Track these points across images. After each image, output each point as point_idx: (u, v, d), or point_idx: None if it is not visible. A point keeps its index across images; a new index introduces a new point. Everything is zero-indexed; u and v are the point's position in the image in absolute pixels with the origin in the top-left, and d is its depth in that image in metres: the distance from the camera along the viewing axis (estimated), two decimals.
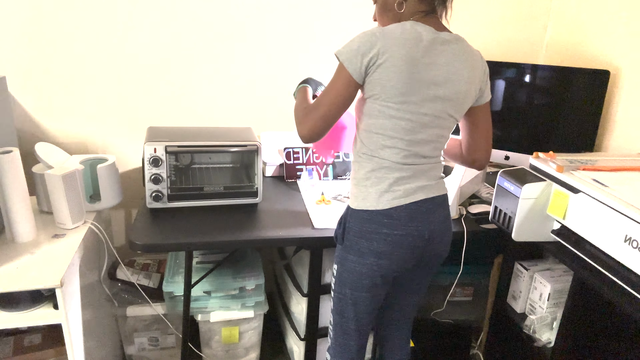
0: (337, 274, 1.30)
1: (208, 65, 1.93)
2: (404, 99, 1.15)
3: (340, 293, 1.31)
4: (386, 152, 1.20)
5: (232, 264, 1.83)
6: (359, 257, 1.23)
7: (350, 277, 1.26)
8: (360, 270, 1.24)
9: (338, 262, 1.30)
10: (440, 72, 1.17)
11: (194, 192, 1.62)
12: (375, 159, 1.21)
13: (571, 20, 2.09)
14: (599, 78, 1.83)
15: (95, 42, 1.79)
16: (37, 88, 1.80)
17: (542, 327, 1.59)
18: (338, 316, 1.35)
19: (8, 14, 1.69)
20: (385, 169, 1.20)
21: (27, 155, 1.60)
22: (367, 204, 1.21)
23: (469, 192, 1.80)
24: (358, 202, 1.22)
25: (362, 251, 1.22)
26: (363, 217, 1.22)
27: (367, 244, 1.22)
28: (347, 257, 1.26)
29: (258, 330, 1.86)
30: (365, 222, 1.21)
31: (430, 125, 1.20)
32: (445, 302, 1.87)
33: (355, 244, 1.23)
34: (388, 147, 1.19)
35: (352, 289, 1.28)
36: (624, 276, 1.20)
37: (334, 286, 1.33)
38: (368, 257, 1.22)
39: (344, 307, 1.32)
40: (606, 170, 1.41)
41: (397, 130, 1.18)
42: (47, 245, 1.42)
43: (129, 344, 1.84)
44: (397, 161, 1.20)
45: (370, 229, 1.21)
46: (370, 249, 1.22)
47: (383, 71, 1.13)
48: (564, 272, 1.64)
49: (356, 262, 1.24)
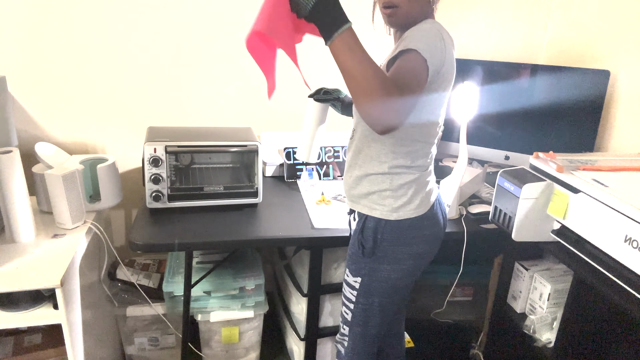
0: (363, 286, 1.25)
1: (208, 65, 1.93)
2: (442, 103, 1.15)
3: (365, 304, 1.26)
4: (424, 160, 1.19)
5: (232, 264, 1.83)
6: (394, 264, 1.20)
7: (382, 285, 1.23)
8: (395, 277, 1.22)
9: (364, 275, 1.23)
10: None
11: (194, 192, 1.62)
12: (413, 169, 1.18)
13: (571, 20, 2.09)
14: (599, 78, 1.83)
15: (96, 42, 1.79)
16: (37, 88, 1.80)
17: (542, 327, 1.59)
18: (360, 327, 1.30)
19: (8, 14, 1.69)
20: (424, 174, 1.21)
21: (27, 155, 1.60)
22: (410, 213, 1.18)
23: (469, 192, 1.80)
24: (398, 213, 1.17)
25: (398, 257, 1.20)
26: (404, 226, 1.18)
27: (406, 249, 1.20)
28: (378, 267, 1.21)
29: (258, 330, 1.86)
30: (406, 230, 1.19)
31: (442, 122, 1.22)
32: (445, 302, 1.87)
33: (391, 252, 1.20)
34: (425, 154, 1.19)
35: (382, 297, 1.25)
36: (624, 276, 1.20)
37: (357, 298, 1.26)
38: (405, 262, 1.21)
39: (369, 317, 1.28)
40: (606, 170, 1.41)
41: (432, 134, 1.18)
42: (47, 245, 1.42)
43: (129, 344, 1.84)
44: (428, 164, 1.22)
45: (411, 235, 1.19)
46: (409, 253, 1.20)
47: (440, 80, 1.08)
48: (564, 272, 1.64)
49: (391, 270, 1.21)
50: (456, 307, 1.98)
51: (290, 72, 2.02)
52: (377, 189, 1.18)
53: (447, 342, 2.01)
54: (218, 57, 1.93)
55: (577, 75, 1.88)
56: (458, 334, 2.01)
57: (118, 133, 1.93)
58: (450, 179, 1.63)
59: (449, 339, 2.01)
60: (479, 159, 2.11)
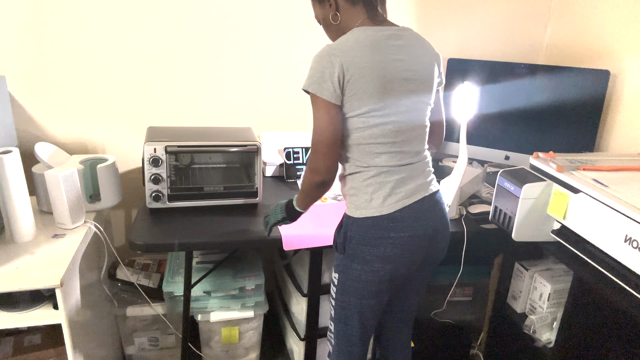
0: (339, 283, 1.28)
1: (208, 66, 1.93)
2: (383, 104, 1.16)
3: (343, 302, 1.29)
4: (381, 158, 1.20)
5: (232, 264, 1.83)
6: (363, 264, 1.22)
7: (355, 285, 1.25)
8: (366, 278, 1.23)
9: (340, 271, 1.27)
10: (406, 66, 1.18)
11: (194, 192, 1.62)
12: (372, 168, 1.20)
13: (571, 20, 2.09)
14: (599, 78, 1.83)
15: (96, 42, 1.79)
16: (37, 88, 1.80)
17: (542, 327, 1.59)
18: (341, 324, 1.32)
19: (8, 14, 1.69)
20: (384, 174, 1.20)
21: (27, 155, 1.60)
22: (371, 211, 1.19)
23: (469, 192, 1.80)
24: (361, 211, 1.21)
25: (367, 258, 1.21)
26: (367, 225, 1.20)
27: (373, 250, 1.20)
28: (350, 265, 1.24)
29: (258, 330, 1.86)
30: (370, 229, 1.20)
31: (414, 119, 1.22)
32: (445, 302, 1.87)
33: (359, 252, 1.21)
34: (382, 153, 1.19)
35: (357, 297, 1.26)
36: (624, 276, 1.20)
37: (335, 294, 1.30)
38: (374, 264, 1.21)
39: (348, 316, 1.30)
40: (606, 170, 1.41)
41: (386, 135, 1.18)
42: (47, 245, 1.42)
43: (129, 344, 1.84)
44: (394, 164, 1.21)
45: (376, 235, 1.20)
46: (376, 255, 1.20)
47: (354, 85, 1.13)
48: (564, 272, 1.64)
49: (361, 270, 1.22)
50: (456, 307, 1.98)
51: (290, 72, 2.03)
52: (346, 188, 1.26)
53: (447, 342, 2.01)
54: (218, 57, 1.93)
55: (577, 75, 1.88)
56: (458, 334, 2.01)
57: (118, 133, 1.93)
58: (450, 179, 1.63)
59: (449, 339, 2.01)
60: (479, 159, 2.11)
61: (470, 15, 2.15)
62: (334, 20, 1.22)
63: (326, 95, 1.13)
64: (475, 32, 2.18)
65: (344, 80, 1.13)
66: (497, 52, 2.22)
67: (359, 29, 1.18)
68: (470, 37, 2.19)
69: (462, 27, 2.17)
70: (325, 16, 1.24)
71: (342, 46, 1.14)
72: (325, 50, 1.14)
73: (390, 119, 1.18)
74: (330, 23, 1.24)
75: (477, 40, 2.20)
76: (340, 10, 1.21)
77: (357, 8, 1.20)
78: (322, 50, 1.15)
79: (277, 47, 1.98)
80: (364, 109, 1.15)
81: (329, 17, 1.23)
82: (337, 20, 1.22)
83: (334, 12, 1.21)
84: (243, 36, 1.93)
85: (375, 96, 1.15)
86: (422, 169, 1.26)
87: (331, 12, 1.22)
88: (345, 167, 1.25)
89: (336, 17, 1.22)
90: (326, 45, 1.16)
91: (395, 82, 1.17)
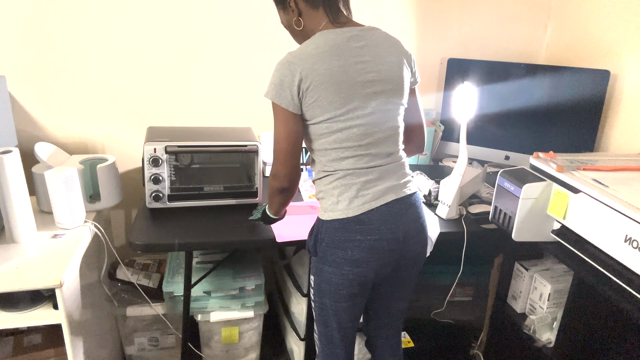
0: (315, 285, 1.29)
1: (208, 66, 1.93)
2: (345, 109, 1.15)
3: (320, 303, 1.30)
4: (347, 162, 1.19)
5: (232, 264, 1.83)
6: (334, 267, 1.21)
7: (328, 287, 1.25)
8: (337, 281, 1.22)
9: (315, 273, 1.28)
10: (369, 67, 1.17)
11: (194, 192, 1.62)
12: (338, 171, 1.20)
13: (571, 20, 2.09)
14: (599, 78, 1.83)
15: (96, 42, 1.79)
16: (37, 88, 1.80)
17: (542, 327, 1.59)
18: (322, 326, 1.34)
19: (8, 14, 1.69)
20: (350, 176, 1.19)
21: (27, 155, 1.60)
22: (338, 214, 1.19)
23: (469, 192, 1.80)
24: (328, 213, 1.21)
25: (337, 261, 1.21)
26: (335, 227, 1.20)
27: (341, 253, 1.20)
28: (322, 268, 1.24)
29: (258, 330, 1.86)
30: (337, 232, 1.20)
31: (382, 121, 1.20)
32: (445, 302, 1.87)
33: (329, 254, 1.21)
34: (348, 157, 1.19)
35: (331, 300, 1.26)
36: (624, 276, 1.20)
37: (314, 297, 1.31)
38: (344, 267, 1.20)
39: (326, 318, 1.31)
40: (606, 170, 1.41)
41: (352, 139, 1.17)
42: (47, 245, 1.42)
43: (129, 344, 1.84)
44: (361, 167, 1.20)
45: (343, 238, 1.19)
46: (345, 258, 1.20)
47: (314, 93, 1.13)
48: (564, 272, 1.64)
49: (332, 272, 1.22)
50: (456, 307, 1.98)
51: None
52: (316, 191, 1.27)
53: (447, 342, 2.01)
54: (218, 57, 1.93)
55: (577, 75, 1.88)
56: (458, 334, 2.01)
57: (118, 133, 1.93)
58: (450, 179, 1.63)
59: (449, 339, 2.01)
60: (479, 159, 2.11)
61: (470, 15, 2.15)
62: (297, 26, 1.22)
63: (284, 104, 1.14)
64: (475, 32, 2.18)
65: (303, 88, 1.12)
66: (497, 52, 2.22)
67: (320, 33, 1.17)
68: (470, 37, 2.19)
69: (462, 27, 2.16)
70: (289, 22, 1.24)
71: (301, 54, 1.14)
72: (285, 58, 1.15)
73: (355, 122, 1.17)
74: (294, 29, 1.24)
75: (477, 40, 2.20)
76: (302, 16, 1.20)
77: (319, 12, 1.19)
78: (283, 58, 1.15)
79: (277, 46, 1.98)
80: (326, 115, 1.15)
81: (292, 23, 1.23)
82: (300, 26, 1.21)
83: (297, 17, 1.21)
84: (243, 36, 1.93)
85: (336, 102, 1.14)
86: (394, 170, 1.24)
87: (294, 17, 1.21)
88: (314, 171, 1.27)
89: (299, 22, 1.21)
90: (288, 52, 1.16)
91: (358, 85, 1.15)
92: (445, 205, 1.64)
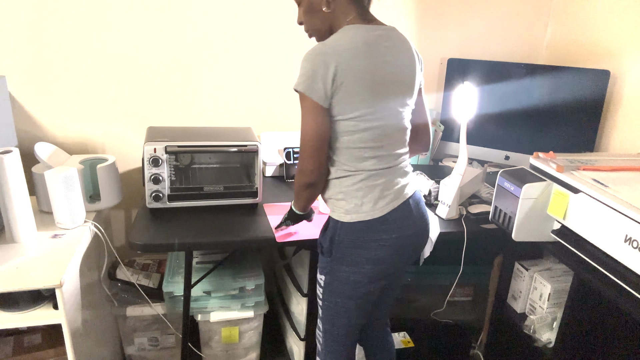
0: (326, 284, 1.28)
1: (208, 66, 1.93)
2: (374, 108, 1.15)
3: (330, 302, 1.29)
4: (370, 162, 1.19)
5: (232, 264, 1.83)
6: (353, 266, 1.21)
7: (343, 286, 1.25)
8: (355, 279, 1.22)
9: (326, 273, 1.27)
10: (394, 69, 1.17)
11: (194, 192, 1.62)
12: (361, 172, 1.19)
13: (571, 20, 2.09)
14: (599, 78, 1.83)
15: (95, 42, 1.79)
16: (37, 88, 1.80)
17: (542, 327, 1.59)
18: (328, 325, 1.33)
19: (8, 14, 1.69)
20: (373, 177, 1.19)
21: (27, 155, 1.60)
22: (362, 215, 1.18)
23: (469, 192, 1.80)
24: (351, 215, 1.19)
25: (357, 260, 1.21)
26: (358, 229, 1.19)
27: (364, 252, 1.20)
28: (338, 268, 1.23)
29: (258, 330, 1.86)
30: (360, 233, 1.19)
31: (397, 122, 1.21)
32: (445, 302, 1.88)
33: (348, 254, 1.21)
34: (369, 157, 1.19)
35: (344, 298, 1.26)
36: (624, 276, 1.20)
37: (322, 295, 1.31)
38: (364, 265, 1.21)
39: (334, 316, 1.30)
40: (606, 170, 1.41)
41: (375, 139, 1.17)
42: (47, 245, 1.42)
43: (129, 344, 1.84)
44: (382, 167, 1.20)
45: (367, 238, 1.19)
46: (367, 257, 1.20)
47: (348, 88, 1.10)
48: (564, 272, 1.64)
49: (350, 271, 1.22)
50: (456, 307, 1.98)
51: (290, 72, 2.03)
52: (332, 192, 1.23)
53: (447, 342, 2.01)
54: (218, 57, 1.93)
55: (577, 75, 1.88)
56: (458, 334, 2.01)
57: (118, 133, 1.93)
58: (450, 179, 1.63)
59: (449, 339, 2.01)
60: (479, 159, 2.11)
61: (470, 15, 2.15)
62: (327, 8, 1.16)
63: (316, 97, 1.10)
64: (475, 32, 2.18)
65: (337, 82, 1.10)
66: (497, 52, 2.22)
67: (352, 27, 1.14)
68: (470, 37, 2.19)
69: (462, 27, 2.16)
70: (317, 3, 1.17)
71: (336, 46, 1.10)
72: (318, 49, 1.10)
73: (379, 122, 1.17)
74: (318, 9, 1.17)
75: (477, 40, 2.20)
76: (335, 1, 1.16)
77: (351, 3, 1.17)
78: (315, 49, 1.10)
79: (278, 46, 1.98)
80: (356, 112, 1.14)
81: (320, 3, 1.16)
82: (330, 9, 1.16)
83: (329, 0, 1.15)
84: (243, 36, 1.93)
85: (367, 100, 1.13)
86: (405, 169, 1.27)
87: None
88: (331, 170, 1.23)
89: (329, 5, 1.16)
90: (319, 43, 1.13)
91: (384, 85, 1.15)
92: (445, 205, 1.64)
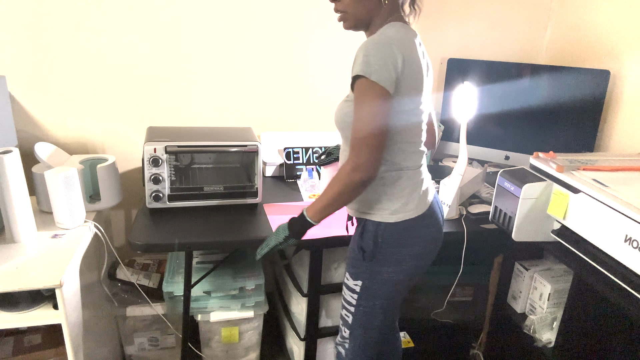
0: (363, 289, 1.24)
1: (208, 66, 1.93)
2: (421, 104, 1.16)
3: (367, 307, 1.26)
4: (412, 158, 1.19)
5: (232, 264, 1.83)
6: (395, 266, 1.20)
7: (384, 287, 1.23)
8: (397, 278, 1.22)
9: (365, 278, 1.23)
10: (427, 68, 1.19)
11: (194, 192, 1.62)
12: (405, 170, 1.19)
13: (571, 20, 2.09)
14: (599, 78, 1.83)
15: (96, 42, 1.79)
16: (37, 88, 1.80)
17: (542, 327, 1.59)
18: (362, 329, 1.30)
19: (8, 14, 1.69)
20: (415, 175, 1.21)
21: (27, 155, 1.60)
22: (409, 214, 1.18)
23: (469, 192, 1.80)
24: (397, 215, 1.17)
25: (399, 259, 1.20)
26: (404, 227, 1.18)
27: (407, 250, 1.20)
28: (379, 270, 1.21)
29: (258, 330, 1.86)
30: (406, 231, 1.19)
31: (427, 119, 1.24)
32: (445, 302, 1.87)
33: (391, 255, 1.20)
34: (413, 153, 1.20)
35: (384, 299, 1.25)
36: (624, 276, 1.20)
37: (357, 301, 1.26)
38: (407, 263, 1.21)
39: (370, 319, 1.28)
40: (606, 170, 1.41)
41: (418, 135, 1.20)
42: (47, 245, 1.42)
43: (129, 344, 1.84)
44: (419, 164, 1.23)
45: (413, 235, 1.20)
46: (409, 254, 1.20)
47: (408, 80, 1.10)
48: (564, 272, 1.64)
49: (392, 271, 1.21)
50: (456, 307, 1.98)
51: (290, 72, 2.03)
52: (373, 193, 1.19)
53: (447, 342, 2.01)
54: (218, 57, 1.93)
55: (577, 75, 1.88)
56: (458, 334, 2.01)
57: (118, 133, 1.93)
58: (450, 179, 1.63)
59: (449, 339, 2.01)
60: (479, 159, 2.11)
61: (470, 15, 2.15)
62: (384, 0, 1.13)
63: (387, 85, 1.05)
64: (475, 32, 2.18)
65: (405, 73, 1.08)
66: (497, 52, 2.22)
67: (399, 24, 1.14)
68: (470, 37, 2.19)
69: (462, 27, 2.16)
70: None
71: (398, 39, 1.08)
72: (384, 39, 1.07)
73: (420, 118, 1.18)
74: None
75: (477, 40, 2.20)
76: None
77: (396, 2, 1.16)
78: (380, 39, 1.07)
79: (278, 47, 1.98)
80: (411, 105, 1.13)
81: None
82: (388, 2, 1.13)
83: None
84: (243, 36, 1.93)
85: (419, 94, 1.15)
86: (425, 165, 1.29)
87: None
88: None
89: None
90: (380, 34, 1.10)
91: (425, 82, 1.17)
92: (446, 205, 1.64)
